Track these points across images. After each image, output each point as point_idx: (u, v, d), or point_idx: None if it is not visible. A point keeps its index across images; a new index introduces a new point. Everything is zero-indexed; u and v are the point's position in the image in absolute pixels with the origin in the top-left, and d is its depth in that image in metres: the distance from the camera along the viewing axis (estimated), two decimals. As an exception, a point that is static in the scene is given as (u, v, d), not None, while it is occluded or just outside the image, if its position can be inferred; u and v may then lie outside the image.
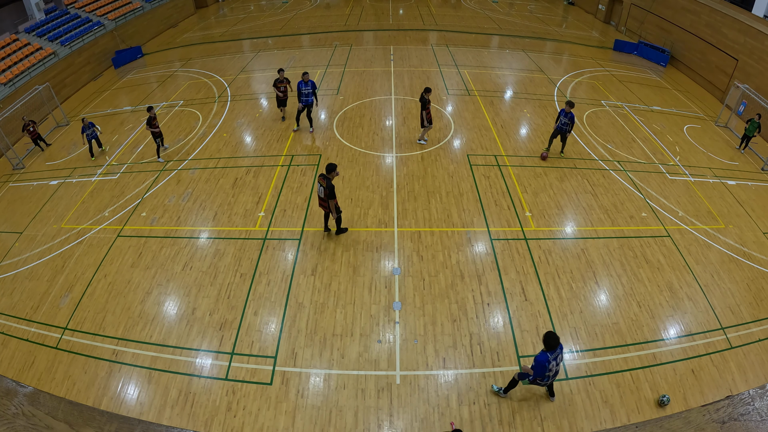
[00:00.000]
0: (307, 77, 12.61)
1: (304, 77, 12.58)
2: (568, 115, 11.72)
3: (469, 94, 16.50)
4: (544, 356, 5.92)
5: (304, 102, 12.94)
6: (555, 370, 6.14)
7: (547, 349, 5.91)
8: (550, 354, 5.92)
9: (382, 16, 28.13)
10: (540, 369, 5.97)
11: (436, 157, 12.51)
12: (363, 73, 18.48)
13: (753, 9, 16.55)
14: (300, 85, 12.67)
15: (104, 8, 23.09)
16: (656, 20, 21.81)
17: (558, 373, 6.30)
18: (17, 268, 9.61)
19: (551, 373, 6.12)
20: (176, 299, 8.53)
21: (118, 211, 10.95)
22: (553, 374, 6.19)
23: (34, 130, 13.91)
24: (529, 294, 8.48)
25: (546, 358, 5.91)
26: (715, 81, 17.69)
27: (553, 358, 5.97)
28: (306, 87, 12.67)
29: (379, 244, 9.58)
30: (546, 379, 6.21)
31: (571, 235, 9.94)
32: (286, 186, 11.45)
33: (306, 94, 12.78)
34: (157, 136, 12.53)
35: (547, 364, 5.93)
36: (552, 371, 6.09)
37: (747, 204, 11.21)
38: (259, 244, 9.69)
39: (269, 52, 21.95)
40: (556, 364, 6.06)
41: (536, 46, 22.56)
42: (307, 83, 12.61)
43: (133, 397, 6.94)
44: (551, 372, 6.09)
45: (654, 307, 8.33)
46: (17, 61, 17.12)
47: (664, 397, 6.73)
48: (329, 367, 7.27)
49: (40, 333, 8.10)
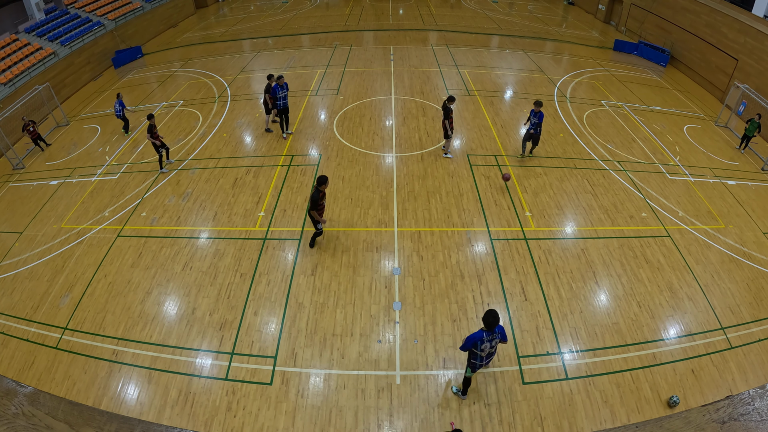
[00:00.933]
0: (282, 80, 12.39)
1: (279, 81, 12.33)
2: (538, 115, 11.54)
3: (469, 94, 16.50)
4: (479, 333, 5.83)
5: (282, 105, 12.76)
6: (488, 353, 6.05)
7: (485, 328, 5.78)
8: (486, 334, 5.80)
9: (382, 16, 28.13)
10: (469, 342, 5.88)
11: (436, 157, 12.51)
12: (363, 73, 18.48)
13: (753, 9, 16.56)
14: (276, 90, 12.43)
15: (104, 8, 23.09)
16: (656, 20, 21.81)
17: (491, 358, 6.25)
18: (17, 268, 9.61)
19: (484, 354, 6.02)
20: (176, 299, 8.53)
21: (118, 211, 10.95)
22: (486, 357, 6.09)
23: (34, 130, 13.91)
24: (529, 294, 8.48)
25: (480, 336, 5.81)
26: (715, 81, 17.69)
27: (489, 339, 5.86)
28: (282, 90, 12.47)
29: (379, 244, 9.58)
30: (479, 360, 6.08)
31: (571, 235, 9.93)
32: (286, 186, 11.45)
33: (282, 97, 12.58)
34: (159, 148, 11.94)
35: (480, 343, 5.83)
36: (485, 352, 6.00)
37: (747, 204, 11.21)
38: (259, 244, 9.69)
39: (269, 52, 21.95)
40: (490, 346, 5.96)
41: (536, 46, 22.57)
42: (282, 87, 12.42)
43: (133, 397, 6.94)
44: (483, 353, 5.99)
45: (654, 307, 8.33)
46: (17, 61, 17.12)
47: (675, 398, 6.73)
48: (329, 367, 7.27)
49: (40, 333, 8.10)
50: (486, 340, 5.85)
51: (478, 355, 6.00)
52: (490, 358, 6.23)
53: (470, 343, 5.91)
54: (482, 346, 5.89)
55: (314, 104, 15.81)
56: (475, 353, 6.00)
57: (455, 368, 7.22)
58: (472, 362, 6.16)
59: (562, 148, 13.10)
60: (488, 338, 5.85)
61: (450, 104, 11.44)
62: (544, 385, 7.00)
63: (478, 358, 6.07)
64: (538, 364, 7.31)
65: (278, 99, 12.58)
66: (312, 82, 17.77)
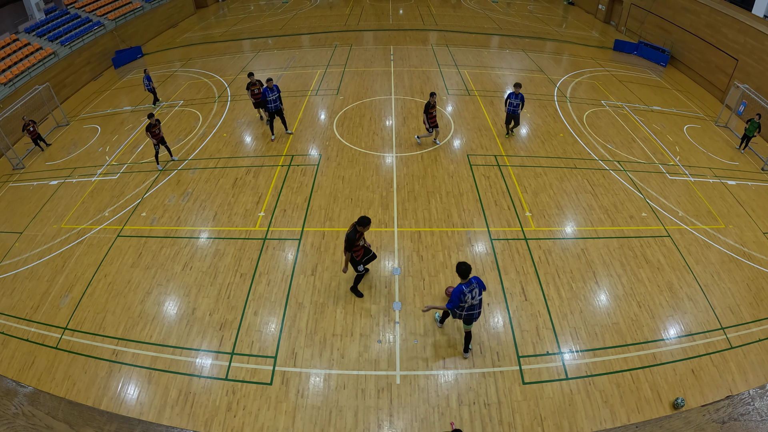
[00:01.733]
0: (272, 83, 12.37)
1: (268, 83, 12.34)
2: (518, 96, 12.54)
3: (469, 94, 16.50)
4: (459, 287, 6.49)
5: (274, 108, 12.70)
6: (472, 305, 6.61)
7: (462, 280, 6.44)
8: (465, 286, 6.45)
9: (382, 16, 28.13)
10: (455, 296, 6.50)
11: (436, 157, 12.51)
12: (363, 73, 18.48)
13: (753, 9, 16.55)
14: (266, 92, 12.40)
15: (104, 8, 23.10)
16: (656, 20, 21.81)
17: (480, 313, 6.87)
18: (17, 268, 9.61)
19: (466, 305, 6.58)
20: (176, 299, 8.53)
21: (118, 211, 10.95)
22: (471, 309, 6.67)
23: (34, 130, 13.92)
24: (529, 294, 8.48)
25: (461, 289, 6.46)
26: (715, 81, 17.69)
27: (468, 290, 6.47)
28: (272, 93, 12.43)
29: (379, 244, 9.58)
30: (463, 310, 6.67)
31: (571, 235, 9.93)
32: (286, 186, 11.45)
33: (273, 100, 12.52)
34: (159, 143, 12.04)
35: (462, 296, 6.46)
36: (467, 303, 6.57)
37: (747, 204, 11.21)
38: (259, 244, 9.69)
39: (269, 52, 21.95)
40: (471, 297, 6.53)
41: (536, 46, 22.57)
42: (272, 89, 12.39)
43: (133, 397, 6.94)
44: (466, 303, 6.56)
45: (654, 307, 8.32)
46: (17, 61, 17.13)
47: (680, 400, 6.72)
48: (329, 367, 7.27)
49: (40, 333, 8.10)
50: (466, 291, 6.48)
51: (464, 306, 6.64)
52: (479, 309, 6.83)
53: (455, 297, 6.51)
54: (465, 298, 6.50)
55: (314, 104, 15.81)
56: (462, 306, 6.61)
57: (455, 368, 7.22)
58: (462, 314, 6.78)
59: (562, 148, 13.10)
60: (468, 289, 6.49)
61: (431, 99, 11.91)
62: (544, 385, 7.00)
63: (466, 309, 6.68)
64: (538, 364, 7.31)
65: (269, 102, 12.52)
66: (312, 82, 17.77)
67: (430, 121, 12.36)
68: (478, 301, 6.67)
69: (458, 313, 6.74)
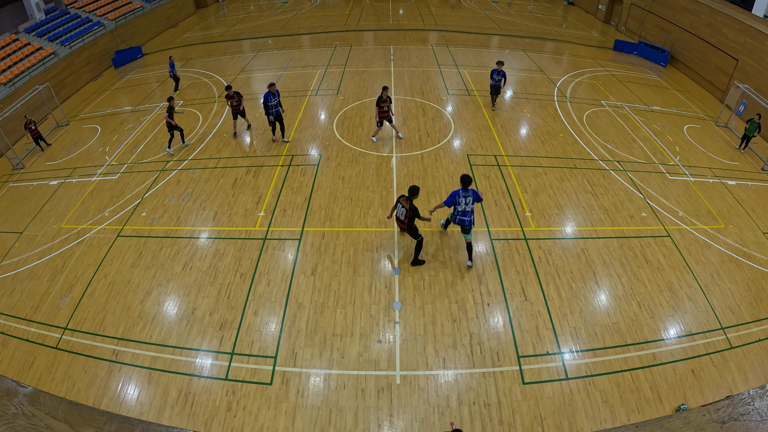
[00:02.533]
0: (274, 88, 12.27)
1: (270, 88, 12.23)
2: (500, 72, 14.24)
3: (469, 94, 16.50)
4: (456, 191, 8.18)
5: (275, 113, 12.55)
6: (465, 210, 8.24)
7: (462, 187, 8.18)
8: (461, 191, 8.17)
9: (382, 16, 28.13)
10: (450, 197, 8.25)
11: (436, 157, 12.51)
12: (363, 73, 18.48)
13: (753, 9, 16.55)
14: (268, 98, 12.24)
15: (104, 8, 23.10)
16: (656, 20, 21.81)
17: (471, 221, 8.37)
18: (17, 268, 9.61)
19: (460, 207, 8.24)
20: (176, 299, 8.53)
21: (118, 211, 10.95)
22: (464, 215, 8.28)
23: (35, 129, 13.92)
24: (529, 294, 8.48)
25: (457, 192, 8.19)
26: (715, 81, 17.69)
27: (463, 196, 8.16)
28: (274, 98, 12.29)
29: (379, 244, 9.58)
30: (458, 213, 8.32)
31: (571, 235, 9.93)
32: (286, 186, 11.45)
33: (274, 105, 12.38)
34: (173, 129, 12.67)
35: (457, 198, 8.18)
36: (461, 207, 8.22)
37: (747, 204, 11.21)
38: (259, 244, 9.69)
39: (269, 52, 21.95)
40: (465, 202, 8.18)
41: (536, 46, 22.57)
42: (274, 94, 12.27)
43: (133, 397, 6.94)
44: (459, 206, 8.23)
45: (654, 307, 8.32)
46: (17, 61, 17.12)
47: (683, 406, 6.72)
48: (329, 367, 7.27)
49: (40, 333, 8.10)
50: (462, 196, 8.16)
51: (457, 209, 8.27)
52: (471, 217, 8.33)
53: (450, 198, 8.26)
54: (459, 200, 8.18)
55: (314, 104, 15.81)
56: (456, 208, 8.27)
57: (455, 368, 7.22)
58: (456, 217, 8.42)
59: (562, 148, 13.10)
60: (463, 194, 8.16)
61: (384, 93, 12.32)
62: (544, 385, 7.00)
63: (459, 214, 8.29)
64: (538, 364, 7.31)
65: (270, 107, 12.38)
66: (312, 82, 17.77)
67: (381, 115, 12.60)
68: (471, 209, 8.25)
69: (454, 216, 8.46)
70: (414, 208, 8.25)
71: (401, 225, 8.64)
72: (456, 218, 8.41)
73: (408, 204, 8.26)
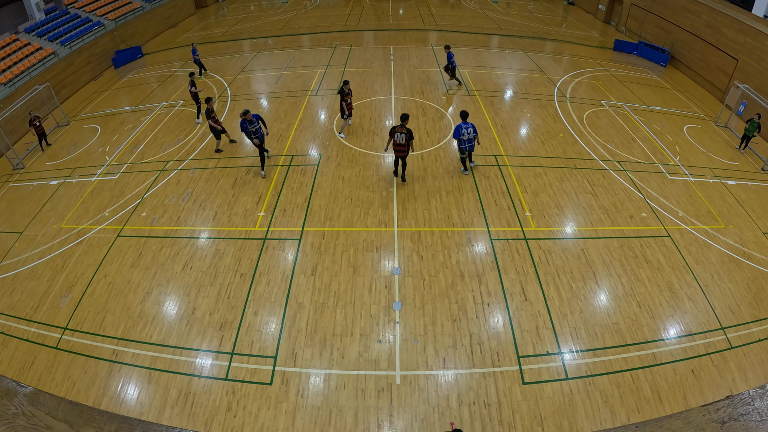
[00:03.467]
0: (249, 115, 10.94)
1: (246, 116, 10.89)
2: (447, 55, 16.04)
3: (469, 94, 16.50)
4: (459, 125, 10.85)
5: (260, 138, 11.26)
6: (468, 138, 10.89)
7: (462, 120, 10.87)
8: (463, 125, 10.78)
9: (382, 16, 28.13)
10: (456, 130, 10.88)
11: (436, 157, 12.51)
12: (363, 73, 18.48)
13: (753, 9, 16.55)
14: (244, 125, 10.99)
15: (104, 8, 23.09)
16: (656, 20, 21.81)
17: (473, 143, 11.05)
18: (17, 268, 9.61)
19: (465, 138, 10.85)
20: (176, 299, 8.53)
21: (118, 211, 10.95)
22: (468, 142, 10.94)
23: (40, 125, 13.93)
24: (529, 294, 8.48)
25: (460, 126, 10.80)
26: (715, 81, 17.69)
27: (465, 128, 10.78)
28: (252, 125, 11.03)
29: (379, 244, 9.58)
30: (464, 144, 10.96)
31: (571, 235, 9.94)
32: (286, 186, 11.45)
33: (255, 131, 11.12)
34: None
35: (461, 130, 10.77)
36: (465, 136, 10.83)
37: (747, 204, 11.21)
38: (259, 244, 9.69)
39: (269, 52, 21.95)
40: (467, 132, 10.81)
41: (536, 46, 22.56)
42: (251, 121, 11.01)
43: (133, 397, 6.94)
44: (464, 137, 10.83)
45: (654, 307, 8.33)
46: (17, 61, 17.12)
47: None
48: (329, 367, 7.27)
49: (40, 333, 8.10)
50: (464, 128, 10.79)
51: (462, 139, 10.88)
52: (472, 143, 11.05)
53: (456, 131, 10.88)
54: (463, 131, 10.80)
55: (314, 104, 15.81)
56: (461, 139, 10.88)
57: (455, 368, 7.22)
58: (460, 146, 11.14)
59: (562, 148, 13.10)
60: (465, 126, 10.79)
61: (345, 87, 13.03)
62: (544, 385, 7.01)
63: (464, 142, 10.94)
64: (538, 364, 7.31)
65: (252, 134, 11.13)
66: (312, 82, 17.77)
67: (349, 108, 13.34)
68: (473, 137, 10.95)
69: (462, 147, 11.04)
70: (410, 131, 10.36)
71: (401, 150, 10.63)
72: (465, 146, 10.98)
73: (404, 129, 10.27)
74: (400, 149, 10.56)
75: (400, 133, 10.32)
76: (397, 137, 10.37)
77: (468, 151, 11.19)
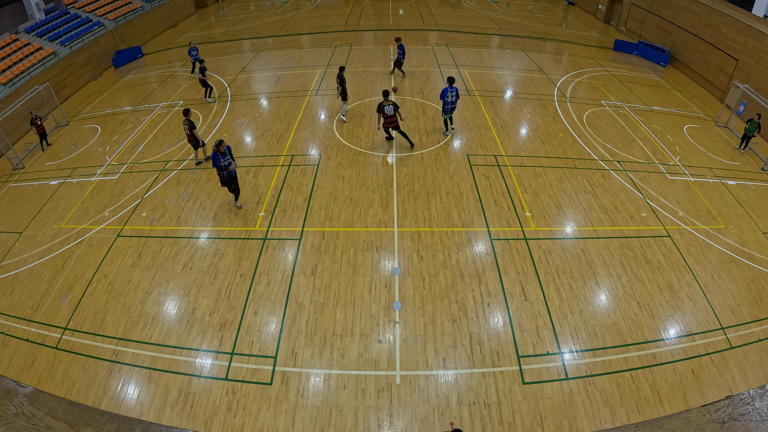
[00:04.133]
0: (223, 146, 9.77)
1: (219, 147, 9.71)
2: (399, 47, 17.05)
3: (469, 94, 16.50)
4: (445, 89, 12.25)
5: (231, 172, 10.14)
6: (452, 101, 12.37)
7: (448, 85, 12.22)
8: (448, 88, 12.18)
9: (382, 16, 28.13)
10: (443, 92, 12.23)
11: (436, 157, 12.51)
12: (363, 73, 18.48)
13: (753, 9, 16.55)
14: (216, 158, 9.80)
15: (104, 8, 23.09)
16: (656, 20, 21.81)
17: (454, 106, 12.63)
18: (17, 268, 9.61)
19: (449, 99, 12.31)
20: (176, 299, 8.53)
21: (118, 211, 10.95)
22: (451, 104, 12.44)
23: (41, 125, 13.93)
24: (529, 294, 8.49)
25: (446, 89, 12.22)
26: (715, 81, 17.69)
27: (450, 91, 12.20)
28: (225, 158, 9.88)
29: (379, 244, 9.58)
30: (446, 105, 12.47)
31: (571, 235, 9.94)
32: (286, 186, 11.45)
33: (226, 165, 9.96)
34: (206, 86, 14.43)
35: (446, 94, 12.20)
36: (449, 97, 12.29)
37: (747, 204, 11.21)
38: (259, 244, 9.69)
39: (269, 52, 21.95)
40: (452, 95, 12.26)
41: (536, 46, 22.56)
42: (224, 153, 9.85)
43: (133, 397, 6.94)
44: (449, 97, 12.28)
45: (654, 307, 8.33)
46: (17, 61, 17.12)
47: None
48: (329, 367, 7.27)
49: (40, 333, 8.11)
50: (449, 91, 12.20)
51: (446, 101, 12.36)
52: (454, 105, 12.56)
53: (443, 93, 12.27)
54: (448, 94, 12.21)
55: (314, 104, 15.81)
56: (445, 101, 12.32)
57: (455, 368, 7.22)
58: (444, 107, 12.60)
59: (562, 148, 13.10)
60: (450, 90, 12.20)
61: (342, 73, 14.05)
62: (544, 385, 7.01)
63: (447, 103, 12.41)
64: (538, 364, 7.31)
65: (222, 168, 9.96)
66: (312, 82, 17.77)
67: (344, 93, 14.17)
68: (455, 99, 12.35)
69: (445, 107, 12.51)
70: (395, 102, 11.74)
71: (392, 121, 11.83)
72: (447, 108, 12.51)
73: (390, 101, 11.54)
74: (391, 120, 11.77)
75: (387, 105, 11.47)
76: (387, 110, 11.52)
77: (450, 113, 12.72)
